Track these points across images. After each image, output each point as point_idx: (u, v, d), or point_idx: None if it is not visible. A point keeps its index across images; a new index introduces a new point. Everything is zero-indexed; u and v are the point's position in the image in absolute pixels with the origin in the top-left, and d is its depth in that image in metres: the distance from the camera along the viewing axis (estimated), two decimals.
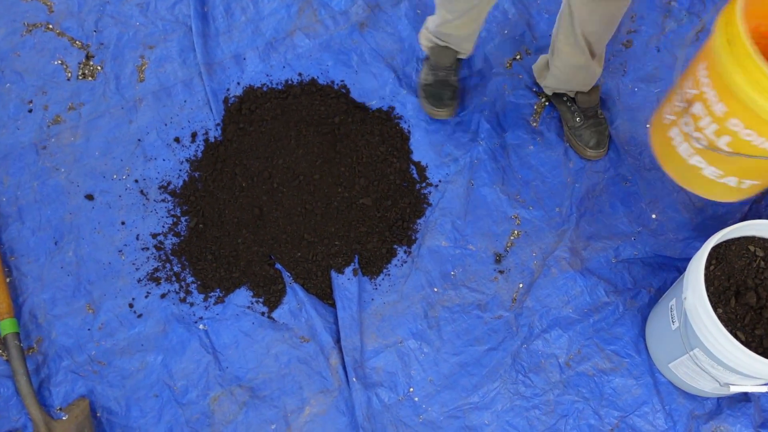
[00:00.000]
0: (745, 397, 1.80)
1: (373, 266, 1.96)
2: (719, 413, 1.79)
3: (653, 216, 2.01)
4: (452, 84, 2.10)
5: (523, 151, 2.10)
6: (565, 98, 2.09)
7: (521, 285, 1.94)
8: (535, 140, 2.11)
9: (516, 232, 2.01)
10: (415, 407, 1.82)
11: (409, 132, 2.13)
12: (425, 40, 2.09)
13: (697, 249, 1.90)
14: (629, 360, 1.86)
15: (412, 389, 1.84)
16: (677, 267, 1.95)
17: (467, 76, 2.21)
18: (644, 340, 1.88)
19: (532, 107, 2.15)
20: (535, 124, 2.13)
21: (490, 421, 1.80)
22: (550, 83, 2.06)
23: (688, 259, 1.93)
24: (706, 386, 1.68)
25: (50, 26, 2.31)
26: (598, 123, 2.07)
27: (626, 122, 2.13)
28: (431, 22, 2.02)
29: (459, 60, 2.13)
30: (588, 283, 1.93)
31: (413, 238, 2.00)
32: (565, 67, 1.93)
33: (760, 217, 2.02)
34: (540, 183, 2.06)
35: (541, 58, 2.10)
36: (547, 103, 2.16)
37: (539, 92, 2.17)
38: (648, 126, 2.09)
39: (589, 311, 1.91)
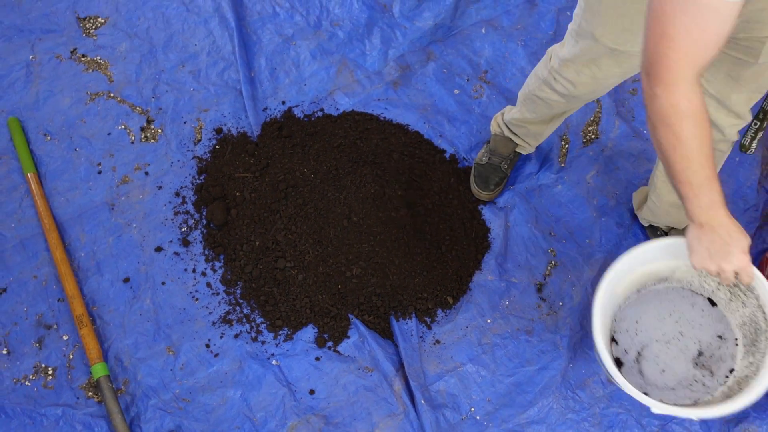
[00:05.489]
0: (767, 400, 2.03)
1: (430, 312, 2.16)
2: (747, 416, 2.01)
3: None
4: (503, 171, 2.27)
5: (551, 191, 2.34)
6: (659, 232, 2.19)
7: (562, 310, 2.16)
8: (562, 179, 2.35)
9: (553, 262, 2.23)
10: (477, 425, 2.01)
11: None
12: (496, 125, 2.25)
13: None
14: None
15: (473, 409, 2.03)
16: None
17: None
18: None
19: (558, 149, 2.39)
20: (562, 164, 2.37)
21: None
22: (645, 215, 2.15)
23: None
24: None
25: (111, 95, 2.52)
26: None
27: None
28: (508, 111, 2.17)
29: (517, 153, 2.30)
30: None
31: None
32: (662, 204, 2.01)
33: (765, 242, 2.27)
34: (570, 219, 2.30)
35: (641, 190, 2.22)
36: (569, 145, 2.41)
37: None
38: None
39: None
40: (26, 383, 2.07)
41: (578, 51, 1.69)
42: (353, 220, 2.18)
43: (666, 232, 2.18)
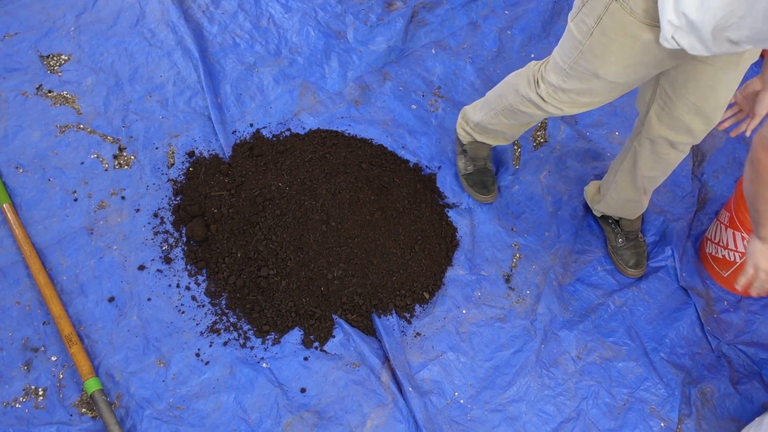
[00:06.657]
0: (719, 362, 2.23)
1: (409, 308, 2.29)
2: (704, 378, 2.21)
3: None
4: (490, 169, 2.44)
5: (510, 191, 2.53)
6: (610, 220, 2.38)
7: (530, 297, 2.33)
8: (518, 180, 2.55)
9: (517, 255, 2.41)
10: (462, 408, 2.13)
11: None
12: (465, 134, 2.37)
13: (662, 252, 2.36)
14: (626, 347, 2.26)
15: (456, 393, 2.16)
16: (649, 265, 2.40)
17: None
18: (636, 329, 2.28)
19: (512, 153, 2.60)
20: (517, 166, 2.57)
21: (526, 411, 2.13)
22: (601, 208, 2.34)
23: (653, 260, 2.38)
24: None
25: (81, 126, 2.59)
26: (638, 245, 2.37)
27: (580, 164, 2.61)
28: (473, 113, 2.27)
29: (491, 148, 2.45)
30: (581, 289, 2.34)
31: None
32: (620, 199, 2.22)
33: (702, 224, 2.50)
34: (528, 215, 2.49)
35: (592, 184, 2.42)
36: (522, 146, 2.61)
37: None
38: None
39: (587, 312, 2.31)
40: (17, 405, 2.08)
41: (576, 85, 1.81)
42: (331, 225, 2.30)
43: (617, 221, 2.39)
